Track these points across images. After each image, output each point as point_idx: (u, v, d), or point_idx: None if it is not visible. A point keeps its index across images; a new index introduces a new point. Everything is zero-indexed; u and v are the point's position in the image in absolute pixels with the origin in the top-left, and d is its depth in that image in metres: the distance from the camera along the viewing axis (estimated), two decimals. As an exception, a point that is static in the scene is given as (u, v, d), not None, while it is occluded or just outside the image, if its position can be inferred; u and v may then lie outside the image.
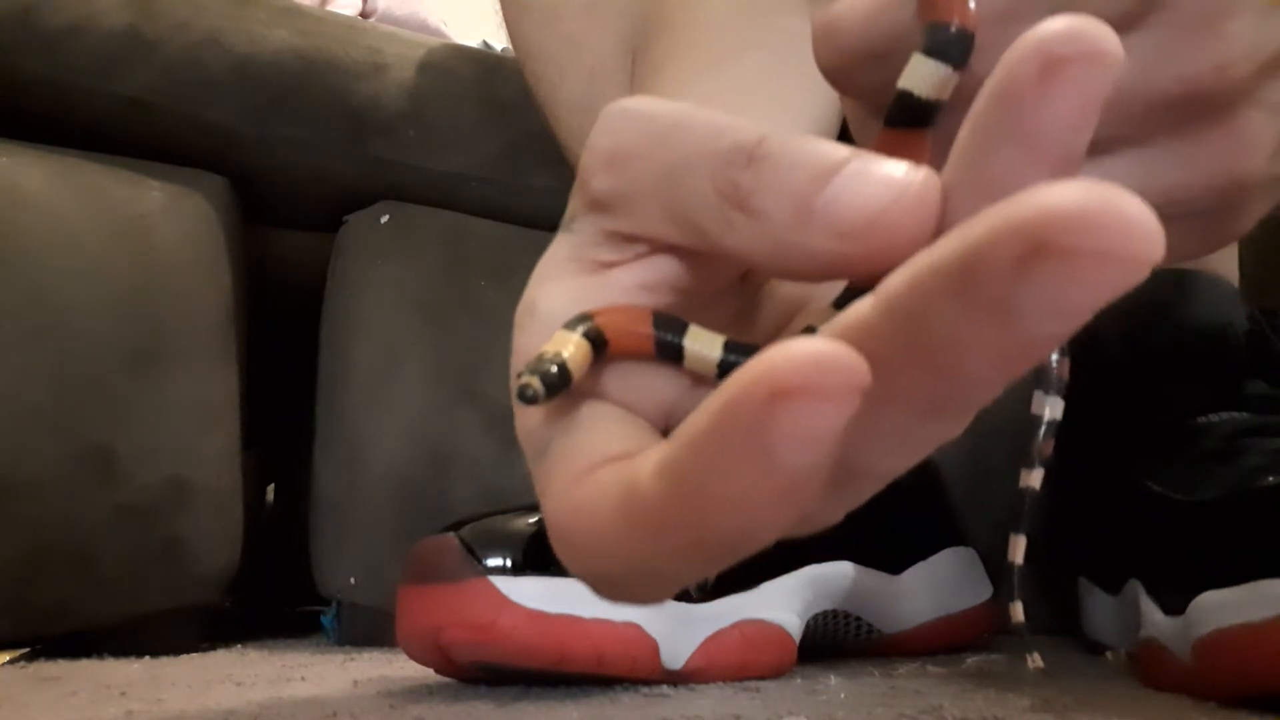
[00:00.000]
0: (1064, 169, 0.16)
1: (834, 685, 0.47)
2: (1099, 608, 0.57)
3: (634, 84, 0.46)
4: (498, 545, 0.46)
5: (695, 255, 0.22)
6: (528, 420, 0.22)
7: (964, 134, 0.17)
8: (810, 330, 0.21)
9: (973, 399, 0.15)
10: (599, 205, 0.22)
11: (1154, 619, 0.46)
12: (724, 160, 0.20)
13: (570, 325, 0.21)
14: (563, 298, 0.22)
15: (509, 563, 0.45)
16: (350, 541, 0.75)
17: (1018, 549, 0.29)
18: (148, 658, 0.66)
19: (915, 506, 0.61)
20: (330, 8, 1.28)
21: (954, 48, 0.20)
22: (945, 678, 0.49)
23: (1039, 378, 0.28)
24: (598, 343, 0.21)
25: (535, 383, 0.20)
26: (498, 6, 0.61)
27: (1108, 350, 0.55)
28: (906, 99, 0.21)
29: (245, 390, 0.76)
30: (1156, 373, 0.53)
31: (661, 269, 0.22)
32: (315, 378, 0.80)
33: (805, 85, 0.24)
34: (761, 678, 0.50)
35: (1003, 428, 0.29)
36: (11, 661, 0.67)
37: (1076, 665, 0.54)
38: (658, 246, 0.22)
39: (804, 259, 0.19)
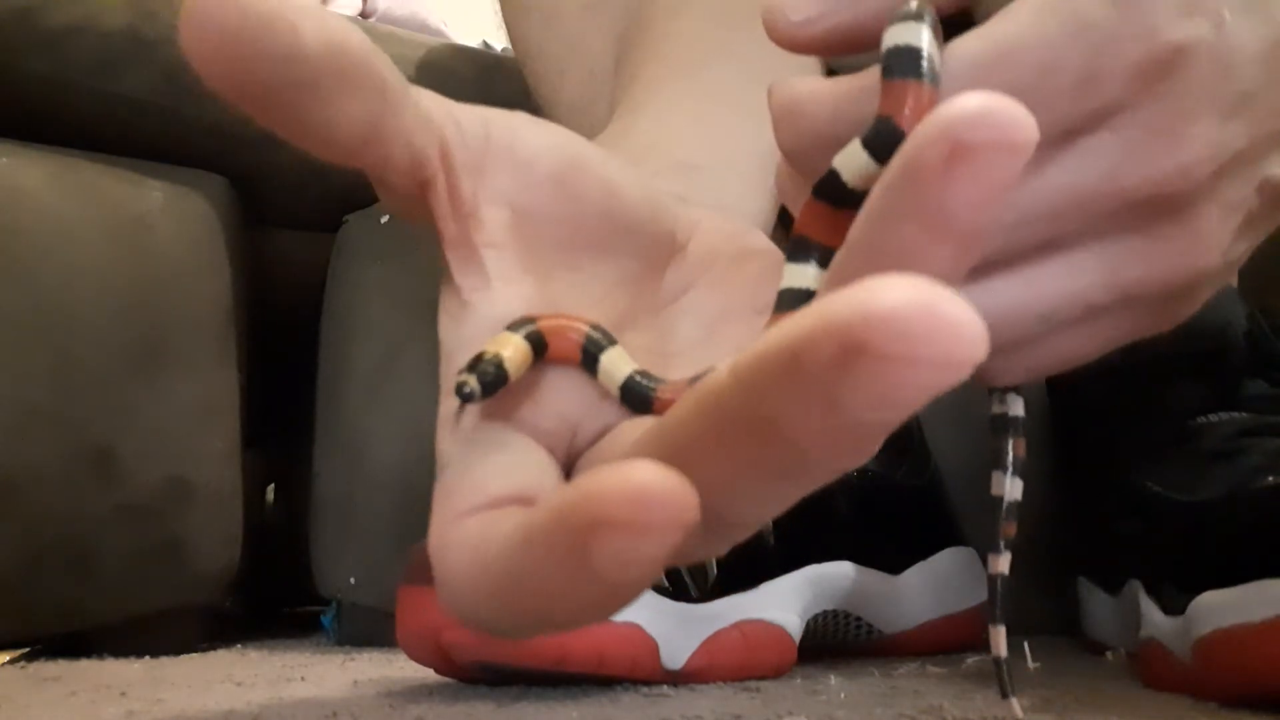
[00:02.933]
0: (968, 246, 0.16)
1: (834, 685, 0.47)
2: (1099, 608, 0.57)
3: (616, 90, 0.46)
4: (498, 545, 0.46)
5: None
6: (440, 434, 0.23)
7: (872, 199, 0.17)
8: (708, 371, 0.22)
9: (821, 471, 0.16)
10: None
11: (1154, 619, 0.46)
12: None
13: (513, 327, 0.22)
14: (514, 299, 0.23)
15: (509, 563, 0.45)
16: (350, 541, 0.75)
17: (999, 641, 0.28)
18: (148, 658, 0.66)
19: (915, 506, 0.61)
20: (330, 8, 1.28)
21: (885, 144, 0.21)
22: (945, 678, 0.49)
23: (996, 458, 0.28)
24: (538, 345, 0.22)
25: (472, 381, 0.21)
26: (498, 6, 0.61)
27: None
28: (835, 178, 0.22)
29: (245, 390, 0.76)
30: (1156, 373, 0.53)
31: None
32: (315, 378, 0.80)
33: None
34: (761, 678, 0.50)
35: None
36: (11, 661, 0.67)
37: (1076, 665, 0.54)
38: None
39: None
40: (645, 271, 0.26)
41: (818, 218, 0.22)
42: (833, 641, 0.58)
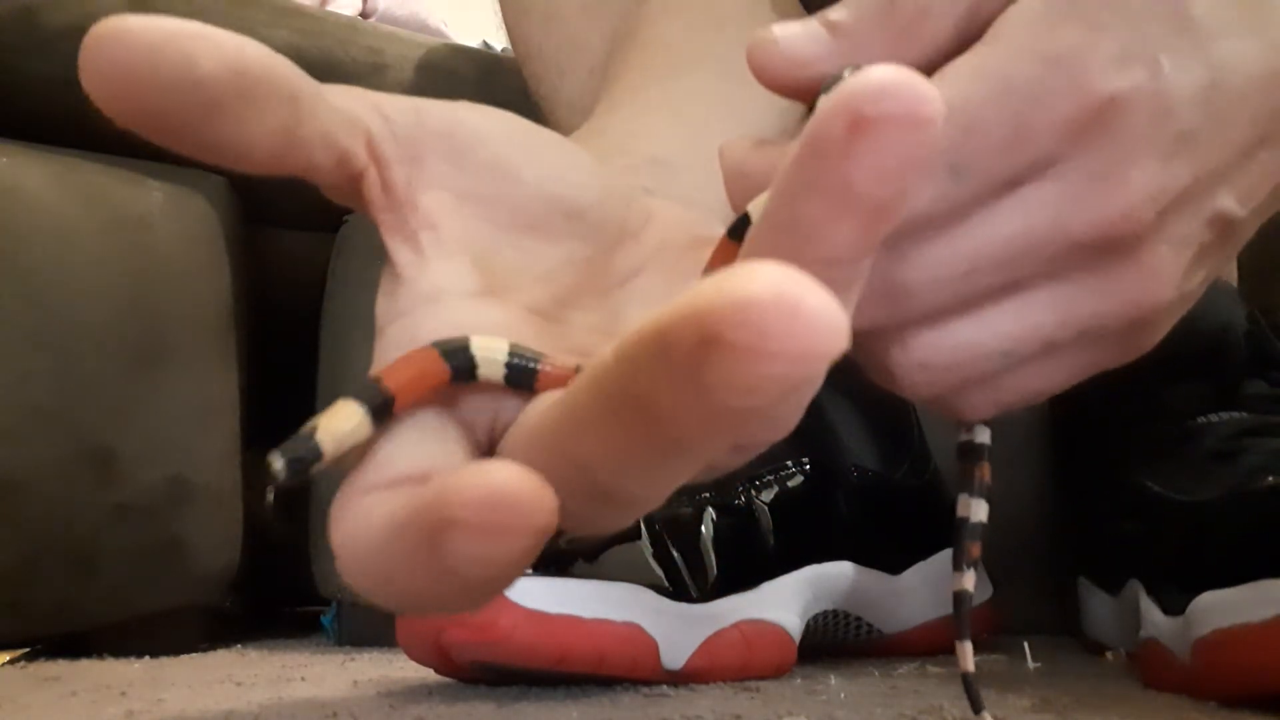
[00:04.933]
0: (874, 221, 0.16)
1: (834, 685, 0.47)
2: (1099, 608, 0.57)
3: (599, 90, 0.46)
4: (498, 545, 0.46)
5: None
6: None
7: (780, 174, 0.17)
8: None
9: (702, 452, 0.15)
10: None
11: (1154, 619, 0.46)
12: None
13: (355, 393, 0.21)
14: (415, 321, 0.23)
15: (509, 563, 0.45)
16: (350, 541, 0.75)
17: (966, 656, 0.29)
18: (148, 658, 0.66)
19: (915, 506, 0.61)
20: (330, 8, 1.28)
21: None
22: (945, 678, 0.49)
23: (962, 482, 0.28)
24: (379, 407, 0.21)
25: (276, 461, 0.20)
26: (498, 7, 0.61)
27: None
28: (744, 222, 0.23)
29: (245, 390, 0.76)
30: (1156, 373, 0.53)
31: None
32: (315, 378, 0.80)
33: (756, 94, 0.26)
34: (761, 678, 0.50)
35: (1002, 427, 0.29)
36: (11, 661, 0.67)
37: (1076, 665, 0.54)
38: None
39: None
40: (594, 255, 0.26)
41: (728, 259, 0.22)
42: (833, 641, 0.58)
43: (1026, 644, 0.53)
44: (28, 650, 0.71)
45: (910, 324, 0.25)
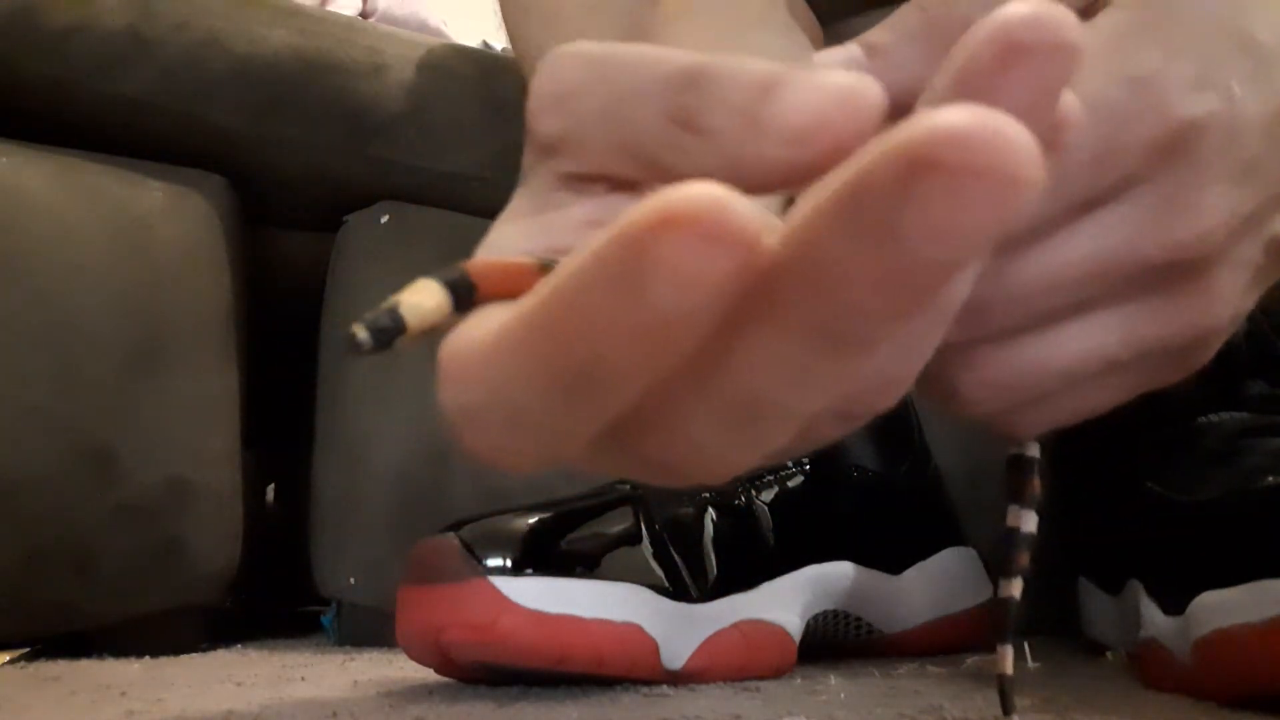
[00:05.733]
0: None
1: (834, 685, 0.47)
2: (1099, 608, 0.57)
3: None
4: (498, 545, 0.46)
5: (643, 189, 0.22)
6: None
7: (921, 109, 0.17)
8: None
9: (865, 334, 0.15)
10: (548, 149, 0.23)
11: (1154, 619, 0.46)
12: (668, 86, 0.20)
13: (436, 274, 0.20)
14: (515, 234, 0.23)
15: (509, 563, 0.45)
16: (350, 541, 0.75)
17: (1006, 659, 0.29)
18: (148, 658, 0.66)
19: (915, 506, 0.61)
20: (330, 8, 1.28)
21: None
22: (945, 678, 0.49)
23: (1012, 494, 0.29)
24: (461, 289, 0.19)
25: (360, 331, 0.18)
26: (498, 6, 0.61)
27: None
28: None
29: (245, 390, 0.76)
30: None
31: (612, 206, 0.23)
32: (315, 378, 0.80)
33: None
34: (761, 678, 0.50)
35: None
36: (11, 661, 0.67)
37: (1076, 665, 0.53)
38: (610, 184, 0.23)
39: (757, 170, 0.19)
40: None
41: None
42: (833, 641, 0.58)
43: (1026, 644, 0.53)
44: (28, 650, 0.71)
45: (980, 341, 0.25)
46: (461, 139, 0.82)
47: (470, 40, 1.23)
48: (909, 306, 0.15)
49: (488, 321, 0.18)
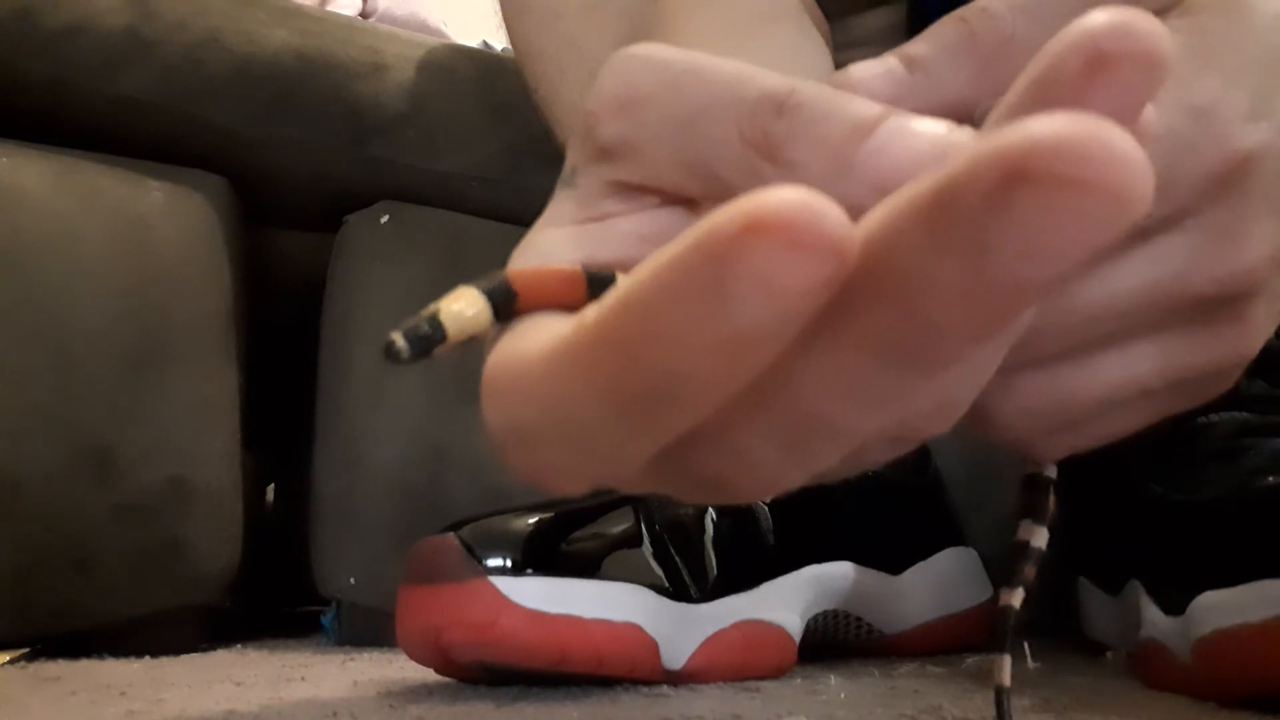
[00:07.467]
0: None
1: (834, 685, 0.47)
2: (1099, 608, 0.57)
3: None
4: (498, 545, 0.46)
5: (701, 207, 0.22)
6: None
7: (997, 120, 0.17)
8: None
9: (940, 354, 0.15)
10: (605, 153, 0.22)
11: (1154, 619, 0.46)
12: (751, 108, 0.20)
13: (477, 282, 0.19)
14: (558, 241, 0.22)
15: (509, 563, 0.45)
16: (350, 541, 0.75)
17: (1003, 669, 0.29)
18: (148, 658, 0.65)
19: (915, 506, 0.61)
20: (330, 8, 1.28)
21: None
22: (945, 678, 0.49)
23: (1025, 509, 0.29)
24: (501, 297, 0.19)
25: (399, 339, 0.18)
26: (498, 6, 0.61)
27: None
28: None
29: (245, 390, 0.76)
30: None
31: (664, 221, 0.22)
32: (315, 378, 0.80)
33: None
34: (761, 678, 0.50)
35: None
36: (11, 661, 0.67)
37: (1076, 665, 0.53)
38: (664, 198, 0.22)
39: None
40: None
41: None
42: (833, 641, 0.58)
43: (1026, 644, 0.53)
44: (28, 650, 0.71)
45: (1020, 368, 0.24)
46: (461, 139, 0.82)
47: (470, 40, 1.23)
48: (990, 328, 0.14)
49: (538, 333, 0.17)
